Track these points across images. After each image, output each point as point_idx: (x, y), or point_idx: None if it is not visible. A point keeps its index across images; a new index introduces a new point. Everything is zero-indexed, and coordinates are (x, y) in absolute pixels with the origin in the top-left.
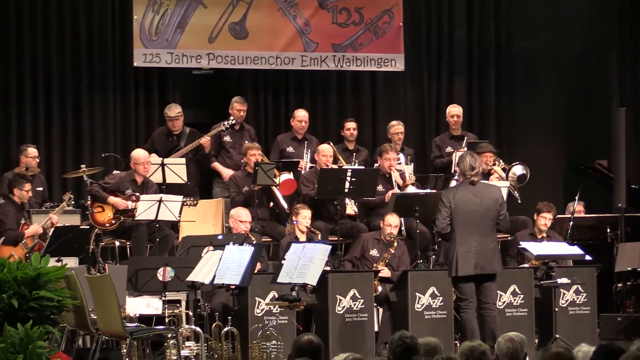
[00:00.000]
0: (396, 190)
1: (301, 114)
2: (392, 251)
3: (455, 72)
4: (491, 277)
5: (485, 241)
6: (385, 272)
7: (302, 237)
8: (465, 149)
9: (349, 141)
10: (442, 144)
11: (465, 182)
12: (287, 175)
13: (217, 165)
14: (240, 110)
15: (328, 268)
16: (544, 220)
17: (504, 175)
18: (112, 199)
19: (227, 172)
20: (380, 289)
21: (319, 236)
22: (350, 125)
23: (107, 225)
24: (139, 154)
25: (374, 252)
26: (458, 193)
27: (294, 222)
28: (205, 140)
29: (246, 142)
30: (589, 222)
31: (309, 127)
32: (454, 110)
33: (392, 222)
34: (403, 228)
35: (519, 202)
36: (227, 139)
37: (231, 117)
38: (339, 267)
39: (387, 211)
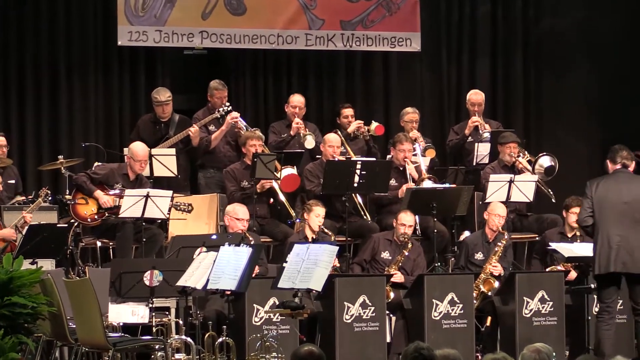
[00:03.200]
0: (411, 184)
1: (297, 100)
2: (406, 253)
3: (478, 53)
4: None
5: (630, 236)
6: (398, 277)
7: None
8: (488, 137)
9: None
10: (461, 132)
11: (613, 173)
12: (289, 170)
13: (213, 135)
14: (222, 97)
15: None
16: (574, 216)
17: (530, 167)
18: (98, 193)
19: (231, 115)
20: (392, 295)
21: (332, 239)
22: (348, 112)
23: (89, 220)
24: (138, 149)
25: (385, 255)
26: (602, 183)
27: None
28: (195, 130)
29: (242, 130)
30: None
31: (315, 113)
32: (475, 98)
33: (407, 221)
34: (418, 227)
35: (553, 200)
36: (212, 127)
37: (226, 104)
38: (347, 271)
39: (401, 208)
